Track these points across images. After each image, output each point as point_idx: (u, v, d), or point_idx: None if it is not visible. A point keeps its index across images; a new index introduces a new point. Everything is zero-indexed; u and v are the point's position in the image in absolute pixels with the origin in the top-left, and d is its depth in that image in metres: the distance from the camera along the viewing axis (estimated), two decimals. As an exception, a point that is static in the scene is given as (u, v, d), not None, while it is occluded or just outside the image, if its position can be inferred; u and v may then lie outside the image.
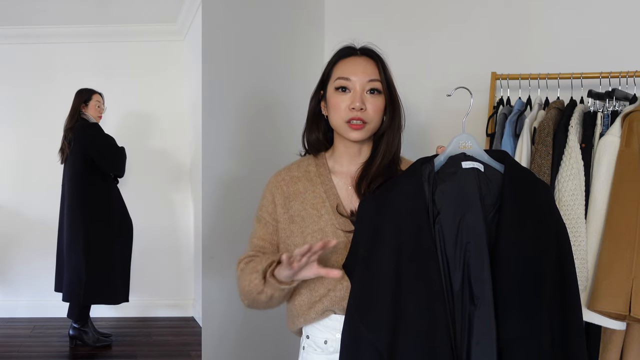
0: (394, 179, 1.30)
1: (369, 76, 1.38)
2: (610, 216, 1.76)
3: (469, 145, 1.28)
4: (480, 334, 1.13)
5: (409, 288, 1.16)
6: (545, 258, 1.18)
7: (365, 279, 1.22)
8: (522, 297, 1.15)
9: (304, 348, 1.44)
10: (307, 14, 2.57)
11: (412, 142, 2.46)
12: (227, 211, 2.03)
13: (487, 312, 1.13)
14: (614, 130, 1.81)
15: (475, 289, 1.15)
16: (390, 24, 2.53)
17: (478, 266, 1.16)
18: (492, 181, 1.23)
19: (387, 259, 1.19)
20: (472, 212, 1.19)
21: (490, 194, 1.22)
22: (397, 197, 1.23)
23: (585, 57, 2.10)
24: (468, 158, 1.24)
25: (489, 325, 1.13)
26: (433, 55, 2.45)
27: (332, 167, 1.46)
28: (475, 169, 1.22)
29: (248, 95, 2.14)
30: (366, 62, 1.40)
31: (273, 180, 1.47)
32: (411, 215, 1.20)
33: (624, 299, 1.68)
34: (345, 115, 1.37)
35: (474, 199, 1.19)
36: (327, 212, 1.39)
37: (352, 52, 1.43)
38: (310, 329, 1.42)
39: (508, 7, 2.32)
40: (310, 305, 1.38)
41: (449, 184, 1.22)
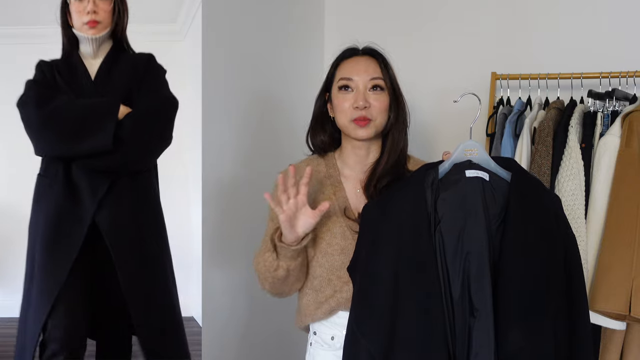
0: (398, 185, 1.29)
1: (370, 74, 1.40)
2: (610, 216, 1.76)
3: (475, 152, 1.26)
4: (479, 346, 1.12)
5: (406, 295, 1.15)
6: (550, 270, 1.16)
7: (364, 283, 1.22)
8: (524, 310, 1.12)
9: (312, 344, 1.45)
10: (307, 14, 2.57)
11: (412, 141, 2.46)
12: (227, 211, 2.03)
13: (487, 324, 1.12)
14: (614, 130, 1.81)
15: (475, 300, 1.13)
16: (390, 25, 2.52)
17: (478, 277, 1.14)
18: (497, 190, 1.21)
19: (385, 264, 1.18)
20: (474, 222, 1.17)
21: (496, 203, 1.19)
22: (398, 202, 1.23)
23: (585, 57, 2.10)
24: (473, 166, 1.22)
25: (488, 337, 1.11)
26: (433, 55, 2.45)
27: (340, 168, 1.46)
28: (480, 178, 1.20)
29: (248, 95, 2.14)
30: (368, 61, 1.41)
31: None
32: (411, 222, 1.19)
33: (624, 299, 1.68)
34: (350, 115, 1.38)
35: (476, 209, 1.17)
36: (336, 214, 1.40)
37: (354, 53, 1.44)
38: (317, 326, 1.43)
39: (508, 7, 2.32)
40: (317, 306, 1.39)
41: (451, 192, 1.20)
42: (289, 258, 1.33)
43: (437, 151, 1.43)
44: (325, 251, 1.38)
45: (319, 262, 1.39)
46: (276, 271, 1.34)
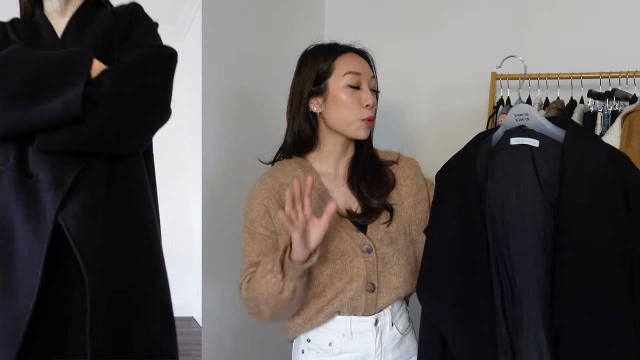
0: (456, 156, 1.28)
1: (371, 73, 1.39)
2: (610, 216, 1.76)
3: (527, 117, 1.16)
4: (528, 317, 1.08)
5: (457, 266, 1.17)
6: (607, 241, 1.03)
7: (427, 248, 1.26)
8: (577, 285, 1.03)
9: (304, 352, 1.41)
10: (307, 14, 2.57)
11: (412, 141, 2.47)
12: (227, 211, 2.03)
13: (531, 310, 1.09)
14: (614, 130, 1.81)
15: (518, 280, 1.10)
16: (390, 25, 2.53)
17: (524, 254, 1.10)
18: (552, 157, 1.10)
19: (442, 234, 1.21)
20: (513, 196, 1.11)
21: (552, 171, 1.10)
22: (453, 175, 1.24)
23: (585, 57, 2.10)
24: (525, 132, 1.14)
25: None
26: (433, 55, 2.45)
27: (318, 168, 1.42)
28: (527, 146, 1.12)
29: (248, 95, 2.14)
30: (364, 60, 1.40)
31: (260, 191, 1.38)
32: (461, 199, 1.18)
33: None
34: (360, 113, 1.34)
35: (518, 182, 1.11)
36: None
37: (347, 49, 1.40)
38: (312, 333, 1.39)
39: (508, 7, 2.32)
40: (319, 310, 1.36)
41: (496, 163, 1.16)
42: (297, 278, 1.24)
43: (437, 151, 1.44)
44: (325, 257, 1.33)
45: (320, 270, 1.34)
46: (281, 293, 1.24)
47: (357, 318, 1.36)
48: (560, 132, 1.14)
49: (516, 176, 1.12)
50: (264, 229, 1.36)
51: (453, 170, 1.25)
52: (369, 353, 1.37)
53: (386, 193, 1.39)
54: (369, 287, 1.34)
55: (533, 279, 1.09)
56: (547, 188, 1.10)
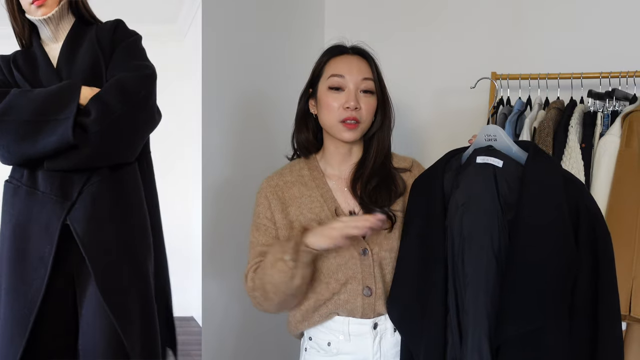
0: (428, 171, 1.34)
1: (362, 74, 1.36)
2: (610, 216, 1.76)
3: (495, 138, 1.22)
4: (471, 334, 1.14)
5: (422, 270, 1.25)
6: (555, 265, 1.10)
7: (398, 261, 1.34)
8: (522, 304, 1.10)
9: (306, 350, 1.43)
10: (307, 14, 2.57)
11: (412, 141, 2.47)
12: (227, 211, 2.03)
13: (480, 313, 1.14)
14: (614, 130, 1.81)
15: (468, 294, 1.15)
16: (390, 24, 2.53)
17: (477, 269, 1.15)
18: (513, 178, 1.15)
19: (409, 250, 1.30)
20: (472, 211, 1.16)
21: (512, 191, 1.14)
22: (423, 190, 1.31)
23: (585, 57, 2.10)
24: (492, 152, 1.19)
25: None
26: (433, 55, 2.45)
27: (324, 169, 1.44)
28: (491, 165, 1.16)
29: (248, 95, 2.14)
30: (359, 61, 1.38)
31: (266, 186, 1.43)
32: (427, 212, 1.26)
33: (624, 299, 1.69)
34: (339, 115, 1.35)
35: (477, 196, 1.16)
36: (327, 216, 1.37)
37: (344, 50, 1.40)
38: (313, 331, 1.41)
39: (508, 7, 2.32)
40: (315, 309, 1.37)
41: (462, 177, 1.20)
42: (307, 265, 1.27)
43: (437, 151, 1.43)
44: (321, 255, 1.34)
45: (316, 266, 1.36)
46: (292, 280, 1.27)
47: (355, 320, 1.36)
48: (524, 155, 1.19)
49: (478, 194, 1.16)
50: (267, 221, 1.40)
51: (422, 186, 1.30)
52: (367, 356, 1.37)
53: (390, 200, 1.38)
54: (366, 292, 1.35)
55: (482, 294, 1.13)
56: (506, 207, 1.15)
